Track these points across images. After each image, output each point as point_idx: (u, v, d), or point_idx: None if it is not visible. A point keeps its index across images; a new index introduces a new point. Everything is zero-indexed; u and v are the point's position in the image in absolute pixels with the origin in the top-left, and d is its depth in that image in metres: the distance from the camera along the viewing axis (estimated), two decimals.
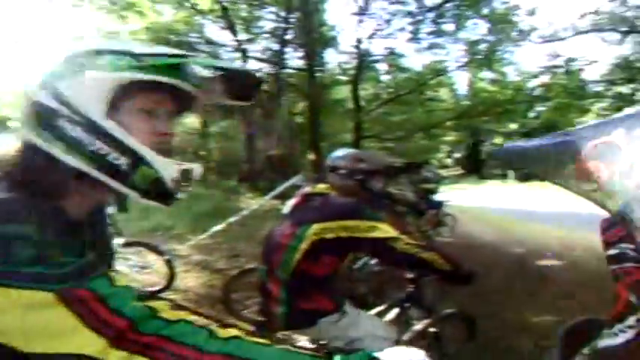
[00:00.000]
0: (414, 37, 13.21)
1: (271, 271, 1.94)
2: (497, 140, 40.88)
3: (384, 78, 16.54)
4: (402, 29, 13.14)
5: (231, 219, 7.19)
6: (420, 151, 18.08)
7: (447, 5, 12.10)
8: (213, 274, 4.91)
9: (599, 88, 12.90)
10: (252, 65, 13.24)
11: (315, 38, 11.85)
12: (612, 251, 1.22)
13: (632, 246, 1.18)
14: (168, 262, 4.24)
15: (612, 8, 10.24)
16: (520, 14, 12.45)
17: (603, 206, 1.14)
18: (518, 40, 12.24)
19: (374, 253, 2.06)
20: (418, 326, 2.59)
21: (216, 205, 9.10)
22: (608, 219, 1.25)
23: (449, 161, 45.46)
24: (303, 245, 1.81)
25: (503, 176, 35.53)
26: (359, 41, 13.42)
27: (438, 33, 12.86)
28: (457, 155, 44.93)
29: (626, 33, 10.72)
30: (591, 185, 1.15)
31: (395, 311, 2.52)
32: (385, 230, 1.82)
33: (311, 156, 11.79)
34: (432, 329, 2.70)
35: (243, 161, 13.63)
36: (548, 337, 3.80)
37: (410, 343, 2.54)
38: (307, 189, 2.15)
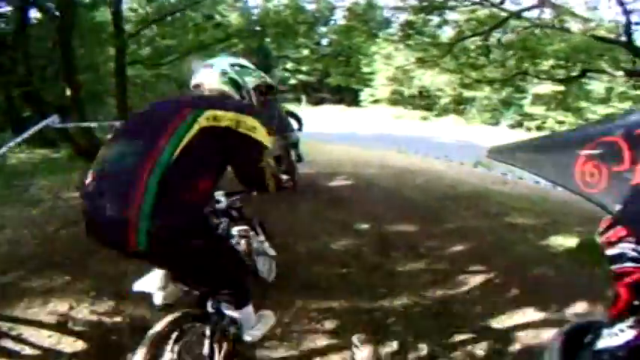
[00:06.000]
0: None
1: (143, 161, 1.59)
2: (289, 65, 41.88)
3: None
4: None
5: None
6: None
7: None
8: None
9: (389, 14, 13.57)
10: None
11: None
12: (612, 251, 1.22)
13: (632, 246, 1.18)
14: None
15: None
16: None
17: (603, 206, 1.18)
18: None
19: (245, 152, 1.85)
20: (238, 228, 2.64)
21: None
22: (609, 219, 1.25)
23: None
24: (193, 131, 1.64)
25: (297, 100, 37.02)
26: None
27: None
28: None
29: None
30: (592, 185, 1.20)
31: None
32: (263, 135, 1.83)
33: (67, 90, 9.25)
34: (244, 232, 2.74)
35: None
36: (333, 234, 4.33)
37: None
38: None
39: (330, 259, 3.80)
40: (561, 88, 24.35)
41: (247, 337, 2.07)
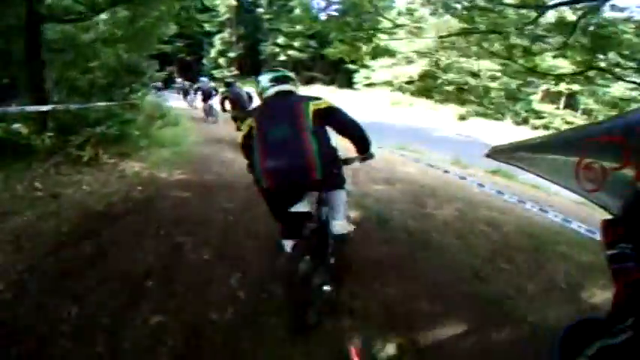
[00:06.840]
0: None
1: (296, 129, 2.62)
2: (280, 40, 38.82)
3: None
4: None
5: None
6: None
7: None
8: None
9: None
10: None
11: None
12: (612, 251, 1.18)
13: (631, 246, 1.15)
14: None
15: None
16: None
17: (603, 206, 1.21)
18: None
19: (345, 116, 2.81)
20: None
21: None
22: (609, 219, 1.22)
23: (222, 61, 42.01)
24: (310, 113, 2.63)
25: None
26: None
27: None
28: (232, 55, 41.70)
29: None
30: (592, 185, 1.21)
31: None
32: None
33: None
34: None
35: None
36: None
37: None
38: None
39: None
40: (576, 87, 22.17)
41: (336, 227, 2.78)
